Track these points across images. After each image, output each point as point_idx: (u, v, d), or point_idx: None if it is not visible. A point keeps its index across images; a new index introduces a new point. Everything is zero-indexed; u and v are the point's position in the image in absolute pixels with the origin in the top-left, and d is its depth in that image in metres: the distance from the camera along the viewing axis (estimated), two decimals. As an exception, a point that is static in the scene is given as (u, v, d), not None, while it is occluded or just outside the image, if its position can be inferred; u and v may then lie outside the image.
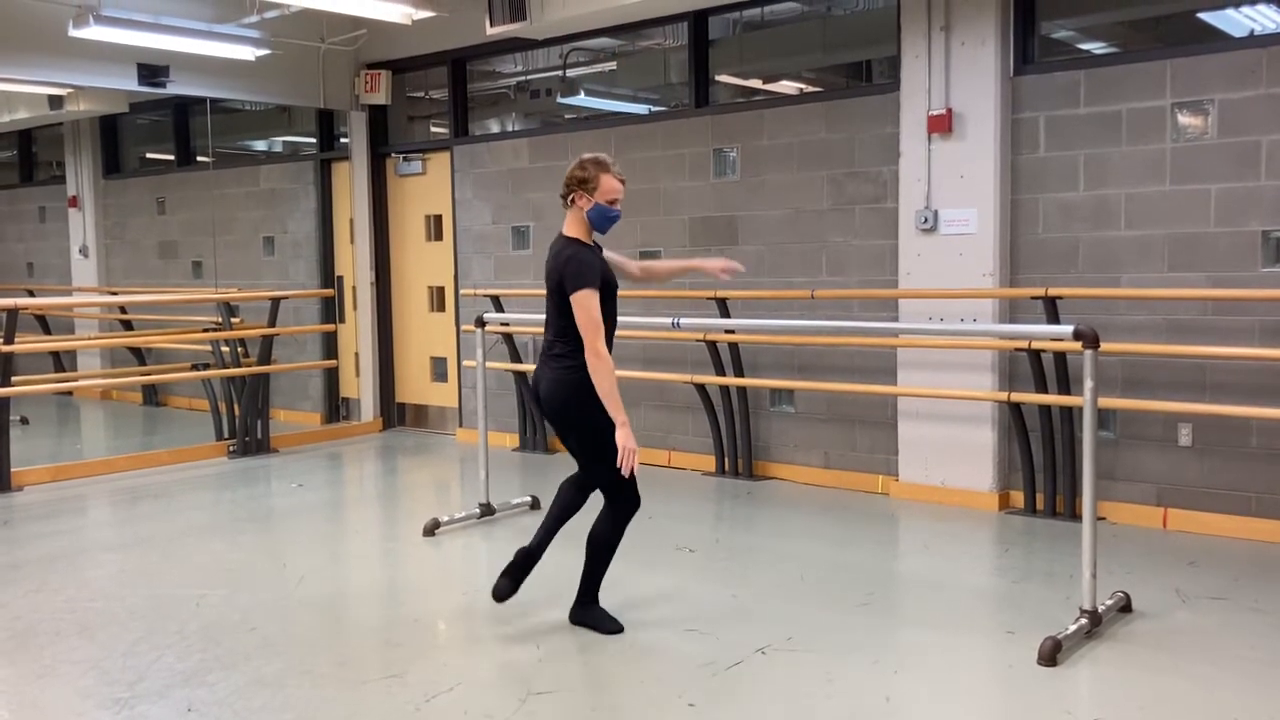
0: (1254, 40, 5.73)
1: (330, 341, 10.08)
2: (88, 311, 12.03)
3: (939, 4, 6.34)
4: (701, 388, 7.39)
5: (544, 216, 8.49)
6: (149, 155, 12.06)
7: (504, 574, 4.52)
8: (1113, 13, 6.44)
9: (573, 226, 4.27)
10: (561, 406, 4.29)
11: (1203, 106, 5.73)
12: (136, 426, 10.68)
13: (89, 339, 11.42)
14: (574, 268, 4.13)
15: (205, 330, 9.31)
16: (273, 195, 10.40)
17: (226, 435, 8.75)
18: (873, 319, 6.85)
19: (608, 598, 4.50)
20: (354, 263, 9.86)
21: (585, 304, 4.10)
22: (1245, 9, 5.83)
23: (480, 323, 6.34)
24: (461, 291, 9.03)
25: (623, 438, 4.09)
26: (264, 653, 4.22)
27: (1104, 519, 5.97)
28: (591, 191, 4.22)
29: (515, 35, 7.47)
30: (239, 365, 8.83)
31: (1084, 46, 6.64)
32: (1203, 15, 6.01)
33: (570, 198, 4.26)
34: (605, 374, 4.09)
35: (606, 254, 4.46)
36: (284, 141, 11.04)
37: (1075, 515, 5.92)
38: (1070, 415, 6.06)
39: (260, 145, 11.37)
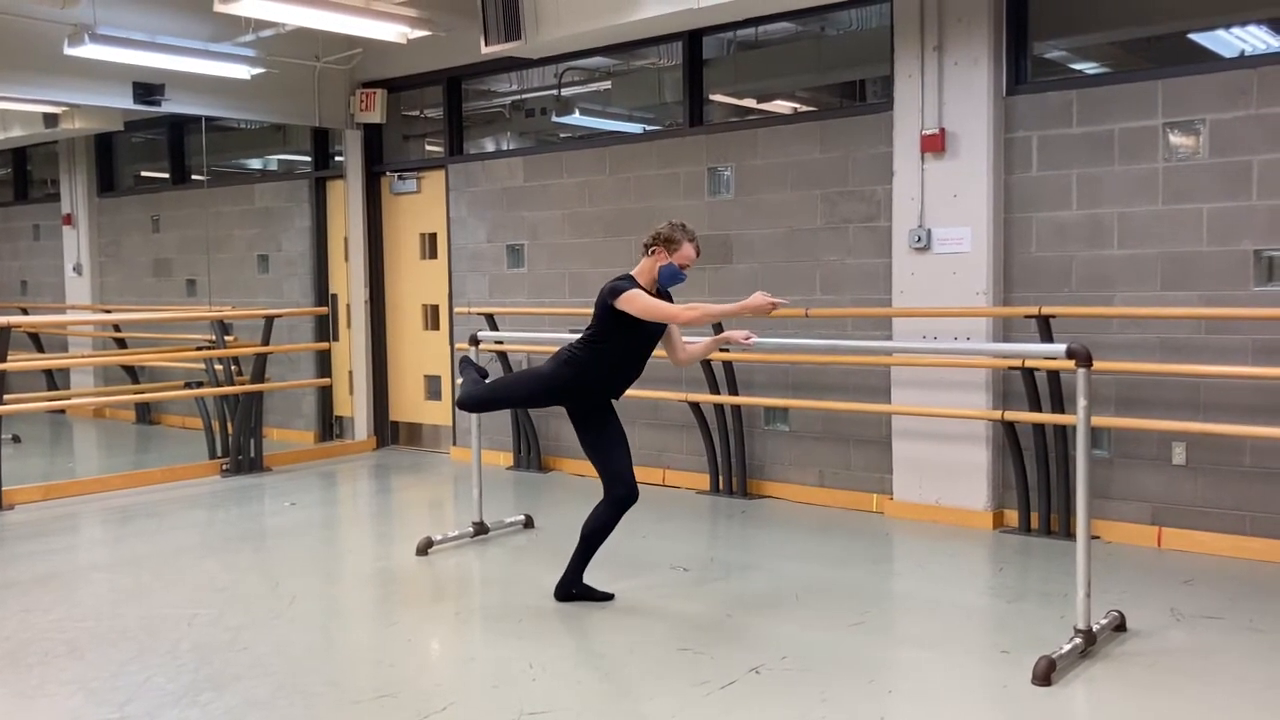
0: (1244, 61, 5.77)
1: (324, 360, 10.06)
2: (81, 329, 12.01)
3: (932, 24, 6.37)
4: (696, 406, 7.39)
5: (539, 235, 8.50)
6: (144, 173, 12.06)
7: (593, 598, 5.03)
8: (1104, 33, 6.48)
9: (641, 271, 4.80)
10: None
11: (1194, 126, 5.76)
12: (129, 445, 10.65)
13: (82, 357, 11.41)
14: (607, 288, 4.69)
15: (199, 348, 9.28)
16: (267, 213, 10.40)
17: (219, 454, 8.72)
18: (867, 337, 6.85)
19: (601, 616, 4.49)
20: (348, 281, 9.85)
21: (635, 303, 4.60)
22: (1236, 30, 5.87)
23: (474, 341, 6.33)
24: (456, 309, 9.03)
25: (756, 309, 4.56)
26: (255, 673, 4.20)
27: (1098, 538, 5.96)
28: (672, 251, 4.75)
29: (510, 55, 7.49)
30: (232, 383, 8.81)
31: (1076, 67, 6.68)
32: (1194, 36, 6.05)
33: (652, 249, 4.77)
34: (702, 313, 4.65)
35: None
36: (279, 160, 11.06)
37: (1070, 534, 5.91)
38: (1064, 434, 6.07)
39: (255, 163, 11.38)
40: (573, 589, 5.01)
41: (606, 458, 4.91)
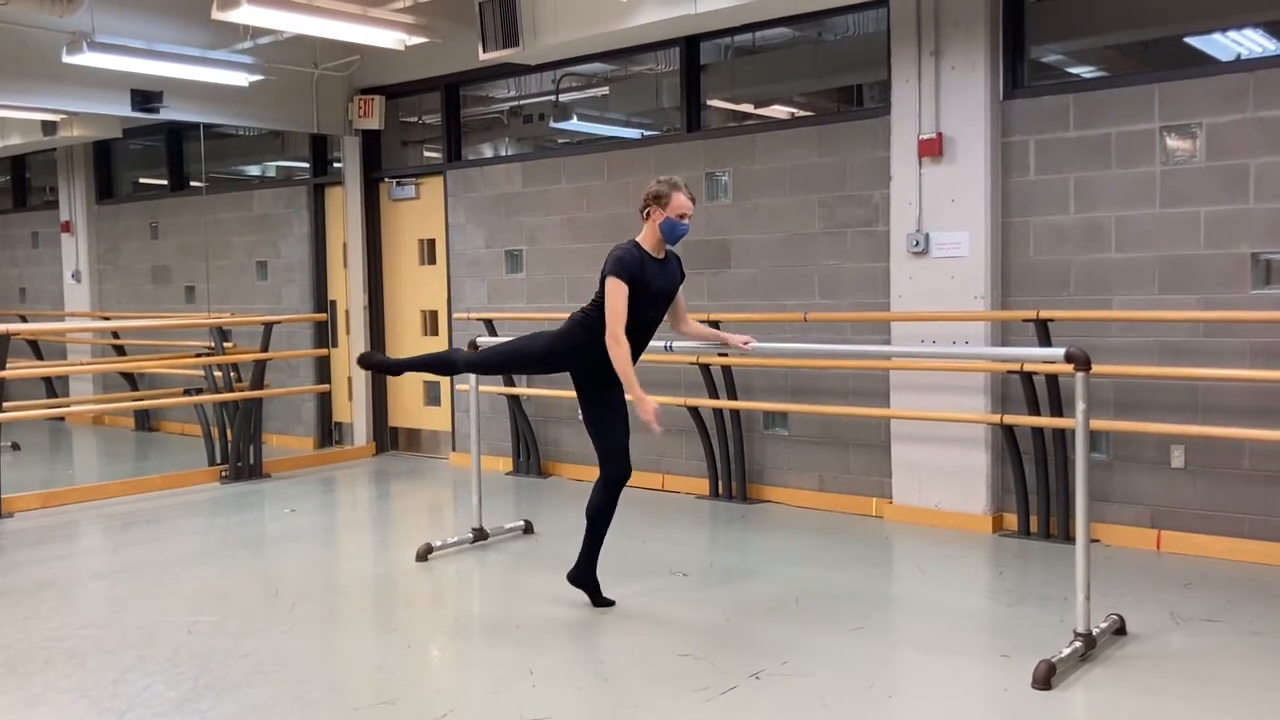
0: (1241, 64, 5.78)
1: (323, 366, 10.06)
2: (80, 336, 12.01)
3: (929, 29, 6.38)
4: (695, 410, 7.39)
5: (537, 240, 8.51)
6: (142, 180, 12.07)
7: (595, 601, 5.04)
8: (1101, 37, 6.49)
9: (645, 237, 4.84)
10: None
11: (1191, 130, 5.77)
12: (129, 452, 10.64)
13: (81, 364, 11.40)
14: (611, 256, 4.73)
15: (198, 355, 9.28)
16: (266, 220, 10.41)
17: (219, 460, 8.72)
18: (865, 341, 6.86)
19: (601, 621, 4.49)
20: (347, 287, 9.86)
21: (611, 291, 4.67)
22: (1232, 33, 5.88)
23: (473, 346, 6.33)
24: (455, 315, 9.03)
25: (642, 407, 4.65)
26: (255, 679, 4.20)
27: (1098, 541, 5.97)
28: (664, 206, 4.77)
29: (508, 61, 7.51)
30: (231, 390, 8.81)
31: (1073, 71, 6.69)
32: (1190, 40, 6.07)
33: (646, 211, 4.82)
34: (620, 357, 4.66)
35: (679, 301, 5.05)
36: (277, 166, 11.06)
37: (1069, 538, 5.91)
38: (1063, 437, 6.07)
39: (254, 170, 11.38)
40: (583, 576, 5.04)
41: (604, 434, 4.97)
